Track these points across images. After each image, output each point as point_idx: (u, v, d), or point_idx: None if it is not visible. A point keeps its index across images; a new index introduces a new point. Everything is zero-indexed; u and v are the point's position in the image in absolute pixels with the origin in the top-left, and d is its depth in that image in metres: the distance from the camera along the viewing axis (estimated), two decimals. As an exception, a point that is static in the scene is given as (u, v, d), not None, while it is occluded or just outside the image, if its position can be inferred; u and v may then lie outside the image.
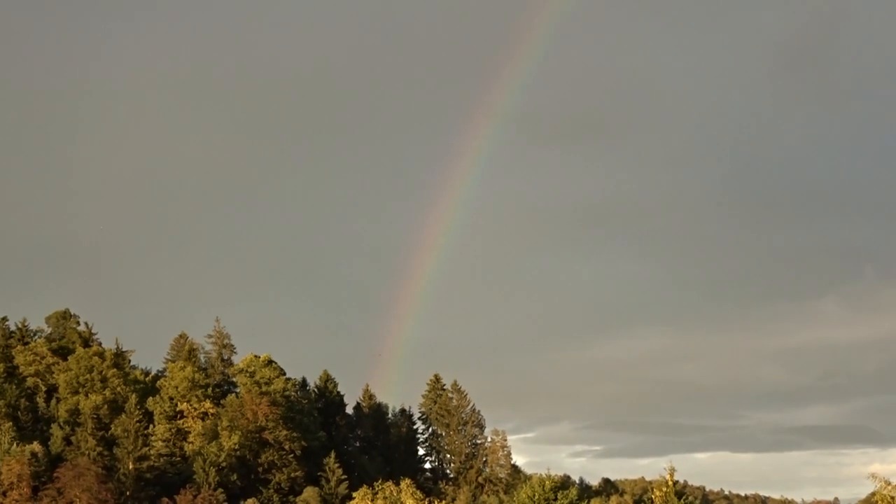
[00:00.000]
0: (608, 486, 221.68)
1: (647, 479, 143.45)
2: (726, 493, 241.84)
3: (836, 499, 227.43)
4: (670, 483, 64.85)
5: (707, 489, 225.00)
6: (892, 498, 44.71)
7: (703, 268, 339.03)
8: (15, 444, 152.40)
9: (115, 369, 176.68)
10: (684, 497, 65.63)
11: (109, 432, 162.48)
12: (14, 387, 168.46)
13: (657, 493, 65.68)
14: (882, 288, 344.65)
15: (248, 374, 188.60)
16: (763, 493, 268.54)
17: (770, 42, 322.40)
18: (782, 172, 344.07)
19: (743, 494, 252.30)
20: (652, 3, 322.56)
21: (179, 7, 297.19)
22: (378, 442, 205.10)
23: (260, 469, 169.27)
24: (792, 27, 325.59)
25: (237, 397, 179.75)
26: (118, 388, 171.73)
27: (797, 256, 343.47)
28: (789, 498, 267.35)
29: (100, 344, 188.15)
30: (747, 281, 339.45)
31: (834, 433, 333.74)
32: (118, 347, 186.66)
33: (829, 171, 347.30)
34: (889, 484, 44.74)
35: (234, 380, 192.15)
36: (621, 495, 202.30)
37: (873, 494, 47.26)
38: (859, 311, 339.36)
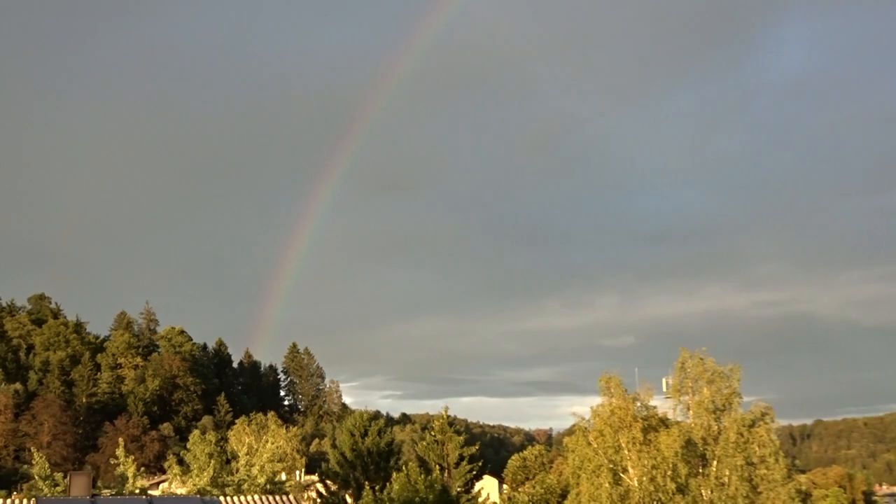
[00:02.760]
0: (405, 418, 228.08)
1: (431, 413, 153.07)
2: (481, 423, 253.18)
3: (551, 428, 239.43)
4: (445, 416, 61.83)
5: (469, 421, 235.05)
6: (583, 420, 42.80)
7: (472, 277, 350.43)
8: (2, 384, 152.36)
9: (74, 334, 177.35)
10: (453, 426, 62.02)
11: (69, 377, 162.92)
12: (3, 345, 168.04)
13: (436, 423, 62.01)
14: (585, 293, 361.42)
15: (167, 339, 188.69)
16: (505, 424, 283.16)
17: (523, 130, 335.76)
18: (524, 216, 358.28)
19: (492, 424, 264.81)
20: (445, 98, 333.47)
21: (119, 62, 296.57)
22: (253, 387, 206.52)
23: (173, 403, 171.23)
24: (535, 123, 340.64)
25: (159, 355, 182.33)
26: (76, 347, 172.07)
27: (533, 270, 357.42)
28: (523, 427, 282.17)
29: (65, 317, 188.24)
30: (499, 286, 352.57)
31: (551, 386, 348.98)
32: (77, 319, 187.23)
33: (554, 216, 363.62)
34: (583, 418, 42.71)
35: (158, 343, 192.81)
36: (413, 424, 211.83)
37: (574, 425, 44.08)
38: (570, 307, 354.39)
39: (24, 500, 26.02)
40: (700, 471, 39.44)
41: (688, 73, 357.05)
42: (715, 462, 39.23)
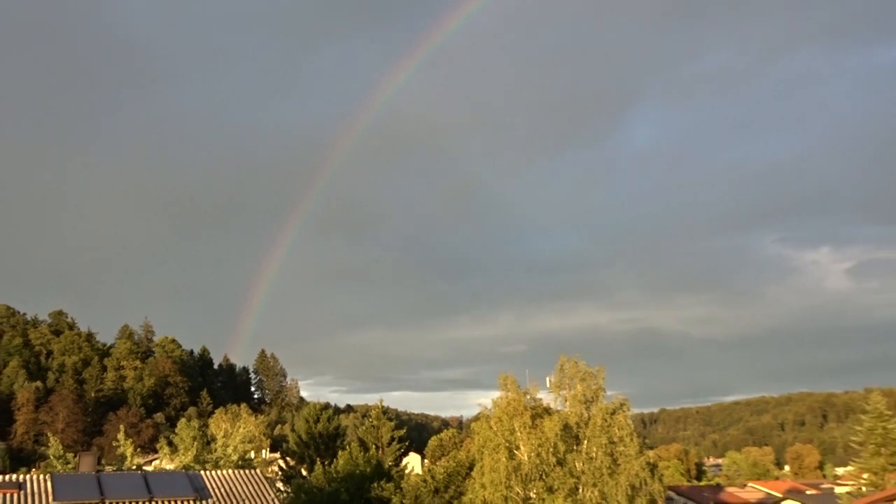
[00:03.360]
0: (349, 408, 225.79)
1: (369, 404, 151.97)
2: (408, 412, 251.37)
3: (462, 415, 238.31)
4: (380, 406, 60.84)
5: (399, 410, 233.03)
6: (486, 409, 42.33)
7: (403, 299, 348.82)
8: (26, 382, 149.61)
9: (86, 342, 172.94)
10: (386, 414, 60.79)
11: (81, 376, 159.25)
12: (27, 350, 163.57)
13: (373, 412, 61.10)
14: (489, 312, 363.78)
15: (161, 347, 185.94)
16: (426, 412, 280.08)
17: (443, 185, 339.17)
18: (444, 252, 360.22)
19: (416, 413, 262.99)
20: (384, 159, 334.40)
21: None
22: (230, 384, 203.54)
23: (165, 397, 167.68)
24: (453, 180, 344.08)
25: (154, 359, 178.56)
26: (87, 353, 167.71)
27: (449, 294, 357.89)
28: (440, 415, 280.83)
29: (79, 328, 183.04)
30: (423, 306, 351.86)
31: (462, 383, 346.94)
32: (89, 330, 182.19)
33: (466, 253, 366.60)
34: (487, 408, 42.04)
35: (154, 349, 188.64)
36: (355, 412, 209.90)
37: (479, 413, 43.78)
38: (477, 322, 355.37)
39: (42, 475, 25.17)
40: (574, 448, 39.62)
41: (570, 142, 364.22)
42: (585, 441, 39.48)
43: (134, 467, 41.26)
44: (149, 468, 48.37)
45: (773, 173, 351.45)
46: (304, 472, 55.31)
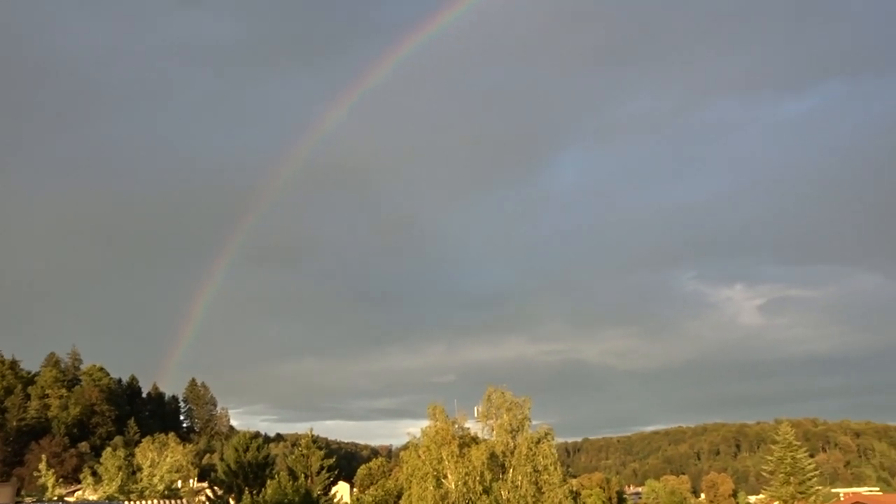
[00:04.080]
0: (279, 437, 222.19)
1: (300, 433, 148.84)
2: (338, 441, 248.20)
3: (391, 444, 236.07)
4: (310, 435, 59.70)
5: (329, 439, 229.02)
6: (415, 438, 43.07)
7: (335, 330, 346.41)
8: None
9: (9, 370, 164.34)
10: (316, 443, 59.60)
11: (3, 405, 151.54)
12: None
13: (303, 441, 59.67)
14: (420, 342, 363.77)
15: (89, 375, 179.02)
16: (356, 441, 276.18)
17: (377, 220, 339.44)
18: (377, 285, 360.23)
19: (346, 441, 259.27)
20: (319, 194, 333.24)
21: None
22: (159, 413, 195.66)
23: (91, 426, 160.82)
24: (386, 214, 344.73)
25: (81, 387, 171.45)
26: (10, 381, 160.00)
27: (382, 325, 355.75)
28: (370, 444, 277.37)
29: (2, 355, 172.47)
30: (355, 336, 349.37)
31: (393, 412, 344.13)
32: (13, 358, 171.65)
33: (398, 285, 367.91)
34: (416, 437, 42.75)
35: (81, 378, 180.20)
36: (285, 441, 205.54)
37: (408, 442, 44.39)
38: (409, 353, 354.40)
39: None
40: (500, 476, 39.65)
41: (500, 180, 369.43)
42: (511, 470, 39.57)
43: (55, 498, 39.53)
44: (71, 499, 46.37)
45: (691, 214, 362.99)
46: (231, 502, 53.92)
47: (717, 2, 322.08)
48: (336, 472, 58.77)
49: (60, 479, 48.34)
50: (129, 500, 29.08)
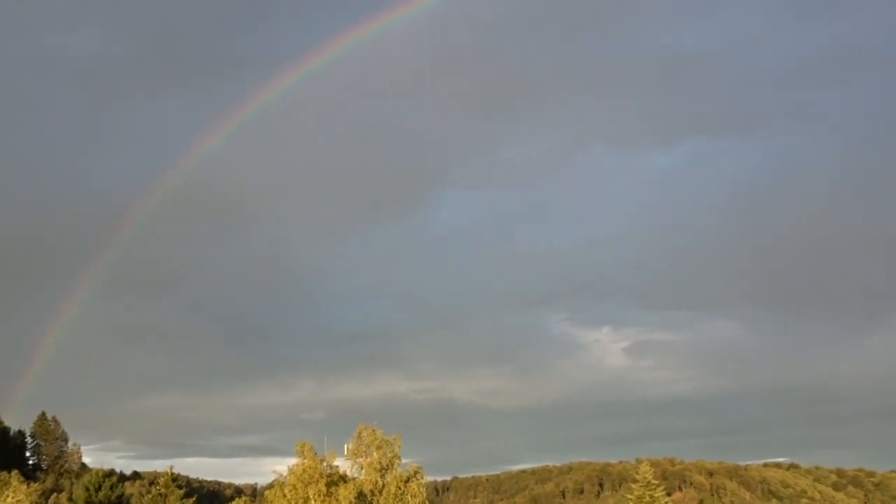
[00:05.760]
0: (136, 475, 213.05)
1: (159, 471, 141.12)
2: (200, 479, 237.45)
3: (257, 483, 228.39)
4: (169, 473, 59.06)
5: (190, 477, 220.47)
6: (281, 476, 42.39)
7: (201, 363, 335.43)
8: None
9: None
10: (176, 481, 58.75)
11: None
12: None
13: (162, 479, 59.05)
14: (290, 378, 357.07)
15: None
16: (220, 479, 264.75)
17: (251, 252, 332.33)
18: (246, 317, 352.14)
19: (209, 480, 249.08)
20: (191, 223, 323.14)
21: None
22: (2, 449, 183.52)
23: None
24: (261, 247, 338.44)
25: None
26: None
27: (250, 359, 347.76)
28: (234, 482, 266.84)
29: None
30: (222, 370, 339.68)
31: (259, 449, 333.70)
32: None
33: (268, 318, 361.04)
34: (282, 475, 42.14)
35: None
36: (143, 480, 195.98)
37: (274, 480, 43.27)
38: (278, 388, 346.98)
39: None
40: (368, 516, 39.09)
41: (376, 217, 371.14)
42: (379, 509, 39.12)
43: None
44: None
45: (562, 258, 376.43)
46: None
47: (597, 57, 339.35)
48: (196, 512, 56.31)
49: None
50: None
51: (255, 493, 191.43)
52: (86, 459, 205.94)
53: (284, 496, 38.88)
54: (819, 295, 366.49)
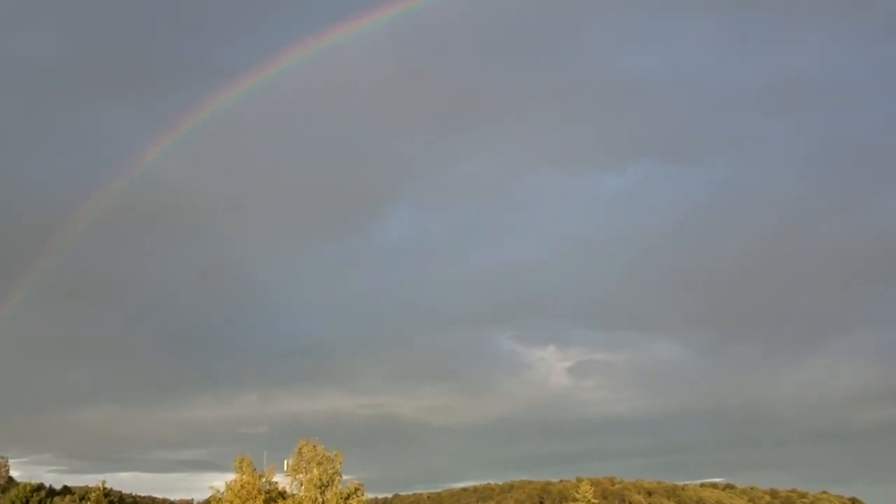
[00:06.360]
0: (66, 490, 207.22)
1: (91, 486, 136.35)
2: (134, 494, 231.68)
3: (193, 499, 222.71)
4: (101, 488, 58.61)
5: (124, 492, 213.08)
6: (218, 492, 41.84)
7: (137, 375, 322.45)
8: None
9: None
10: (108, 496, 58.66)
11: None
12: None
13: (93, 495, 58.65)
14: (231, 392, 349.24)
15: None
16: (154, 494, 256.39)
17: (194, 264, 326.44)
18: (189, 330, 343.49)
19: (143, 495, 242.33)
20: (131, 232, 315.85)
21: None
22: None
23: None
24: (205, 259, 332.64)
25: None
26: None
27: (190, 372, 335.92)
28: (169, 497, 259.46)
29: None
30: (160, 383, 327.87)
31: (197, 464, 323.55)
32: None
33: (212, 331, 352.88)
34: (219, 491, 41.70)
35: None
36: (73, 495, 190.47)
37: (210, 497, 43.60)
38: (219, 402, 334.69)
39: None
40: (306, 534, 38.50)
41: (325, 231, 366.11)
42: (318, 526, 38.59)
43: None
44: None
45: (509, 276, 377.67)
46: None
47: (551, 78, 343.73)
48: (128, 528, 54.92)
49: None
50: None
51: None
52: (14, 473, 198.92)
53: (221, 513, 37.99)
54: (759, 319, 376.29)
